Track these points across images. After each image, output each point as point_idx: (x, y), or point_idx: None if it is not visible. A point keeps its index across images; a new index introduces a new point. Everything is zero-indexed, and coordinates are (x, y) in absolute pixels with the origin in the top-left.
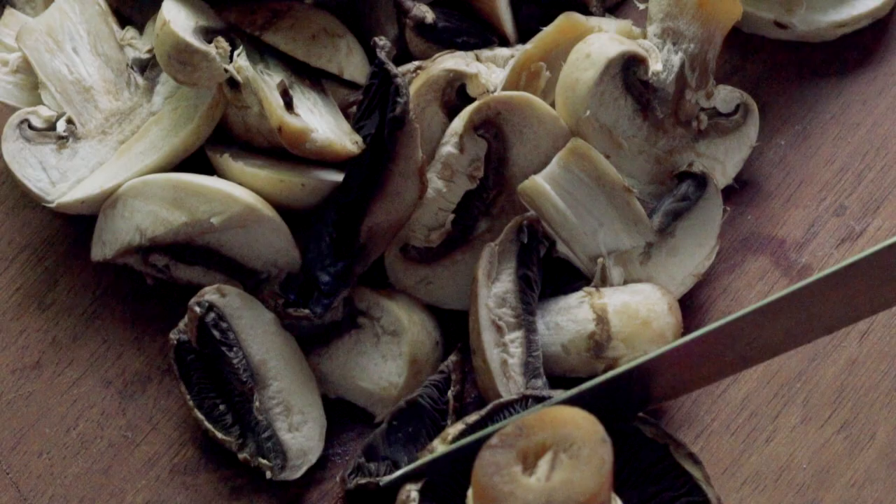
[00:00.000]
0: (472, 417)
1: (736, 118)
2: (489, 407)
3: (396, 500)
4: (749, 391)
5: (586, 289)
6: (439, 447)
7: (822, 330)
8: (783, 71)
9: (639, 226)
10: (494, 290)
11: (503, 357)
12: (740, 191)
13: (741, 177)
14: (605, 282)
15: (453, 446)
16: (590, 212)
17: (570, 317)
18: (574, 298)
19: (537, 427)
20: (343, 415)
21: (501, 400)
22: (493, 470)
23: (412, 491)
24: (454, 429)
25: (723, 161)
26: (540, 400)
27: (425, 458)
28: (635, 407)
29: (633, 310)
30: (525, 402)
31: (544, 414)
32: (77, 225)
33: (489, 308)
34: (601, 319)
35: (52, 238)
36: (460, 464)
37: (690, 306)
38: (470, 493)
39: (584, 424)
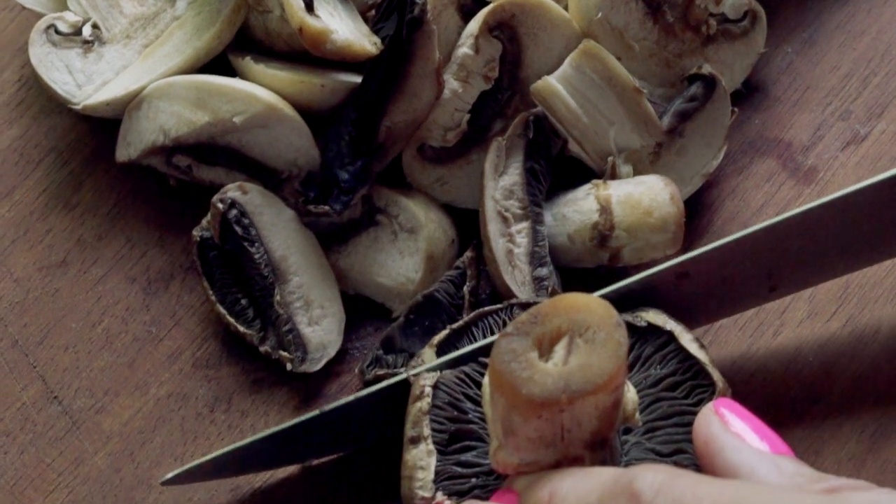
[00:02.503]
0: (457, 324)
1: (744, 24)
2: (472, 314)
3: (410, 394)
4: None
5: (593, 181)
6: (427, 351)
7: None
8: None
9: (649, 126)
10: (501, 183)
11: (509, 247)
12: (748, 96)
13: (749, 82)
14: (614, 178)
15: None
16: (601, 111)
17: (576, 208)
18: (581, 191)
19: (552, 314)
20: (361, 310)
21: (484, 309)
22: (511, 357)
23: (426, 386)
24: (439, 336)
25: (731, 66)
26: (525, 307)
27: (417, 369)
28: None
29: (636, 200)
30: (509, 310)
31: (558, 301)
32: (102, 129)
33: (496, 200)
34: (605, 210)
35: (77, 142)
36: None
37: (699, 206)
38: (486, 381)
39: (598, 309)
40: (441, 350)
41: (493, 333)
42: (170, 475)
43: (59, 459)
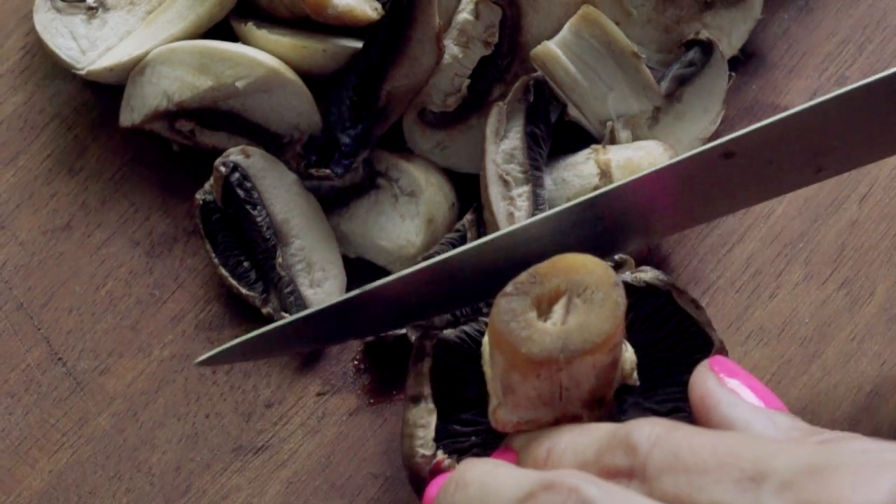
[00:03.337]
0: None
1: None
2: None
3: (411, 353)
4: (753, 251)
5: (593, 146)
6: None
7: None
8: None
9: (647, 90)
10: (502, 147)
11: (510, 210)
12: (745, 62)
13: (746, 48)
14: (613, 143)
15: (338, 299)
16: (600, 76)
17: (576, 172)
18: (581, 155)
19: (550, 274)
20: (362, 274)
21: None
22: (510, 317)
23: (427, 346)
24: None
25: (728, 32)
26: None
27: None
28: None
29: (636, 164)
30: None
31: (556, 261)
32: (106, 95)
33: (497, 164)
34: (605, 174)
35: (81, 107)
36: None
37: None
38: (485, 340)
39: (596, 270)
40: None
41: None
42: (205, 356)
43: (64, 420)
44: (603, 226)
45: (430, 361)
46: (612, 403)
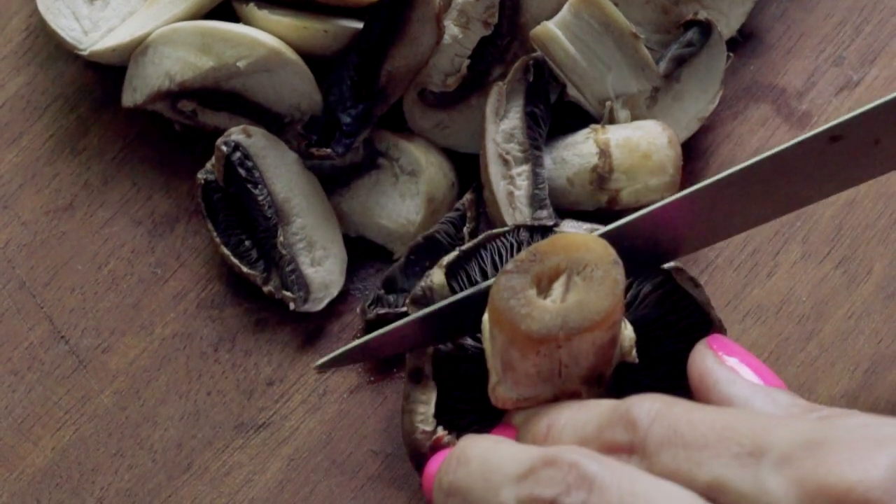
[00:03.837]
0: (467, 246)
1: None
2: (481, 236)
3: None
4: (751, 230)
5: (592, 126)
6: (436, 272)
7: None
8: None
9: (646, 71)
10: (502, 127)
11: (509, 189)
12: (743, 43)
13: (744, 29)
14: (612, 123)
15: (451, 299)
16: (599, 57)
17: (576, 151)
18: (580, 135)
19: (550, 252)
20: (363, 252)
21: (493, 231)
22: (510, 294)
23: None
24: (449, 256)
25: (727, 14)
26: (530, 229)
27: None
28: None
29: (635, 143)
30: (516, 231)
31: (556, 239)
32: (108, 75)
33: (497, 143)
34: (604, 153)
35: (84, 88)
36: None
37: (695, 150)
38: (485, 318)
39: (595, 248)
40: (450, 271)
41: (500, 255)
42: (325, 359)
43: (66, 397)
44: (720, 211)
45: None
46: (612, 381)
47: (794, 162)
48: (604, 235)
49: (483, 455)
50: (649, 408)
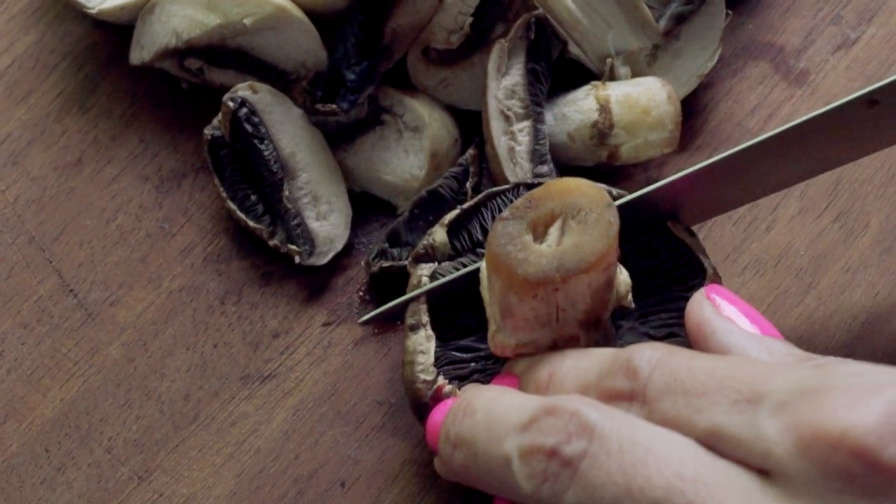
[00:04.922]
0: (468, 204)
1: None
2: (482, 195)
3: (408, 284)
4: None
5: (593, 82)
6: (438, 230)
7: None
8: None
9: (646, 28)
10: (504, 83)
11: (510, 144)
12: (742, 1)
13: None
14: (613, 80)
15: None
16: (600, 14)
17: (576, 107)
18: (581, 91)
19: (545, 198)
20: (367, 207)
21: (494, 189)
22: (507, 240)
23: (423, 276)
24: (450, 215)
25: None
26: (530, 187)
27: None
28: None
29: (634, 99)
30: (516, 189)
31: (551, 185)
32: (116, 34)
33: (498, 99)
34: (604, 109)
35: (92, 46)
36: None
37: (694, 107)
38: (482, 265)
39: (589, 192)
40: (452, 229)
41: (501, 213)
42: (369, 315)
43: (75, 350)
44: (756, 173)
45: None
46: (609, 326)
47: (831, 125)
48: (633, 200)
49: (488, 406)
50: (650, 356)
